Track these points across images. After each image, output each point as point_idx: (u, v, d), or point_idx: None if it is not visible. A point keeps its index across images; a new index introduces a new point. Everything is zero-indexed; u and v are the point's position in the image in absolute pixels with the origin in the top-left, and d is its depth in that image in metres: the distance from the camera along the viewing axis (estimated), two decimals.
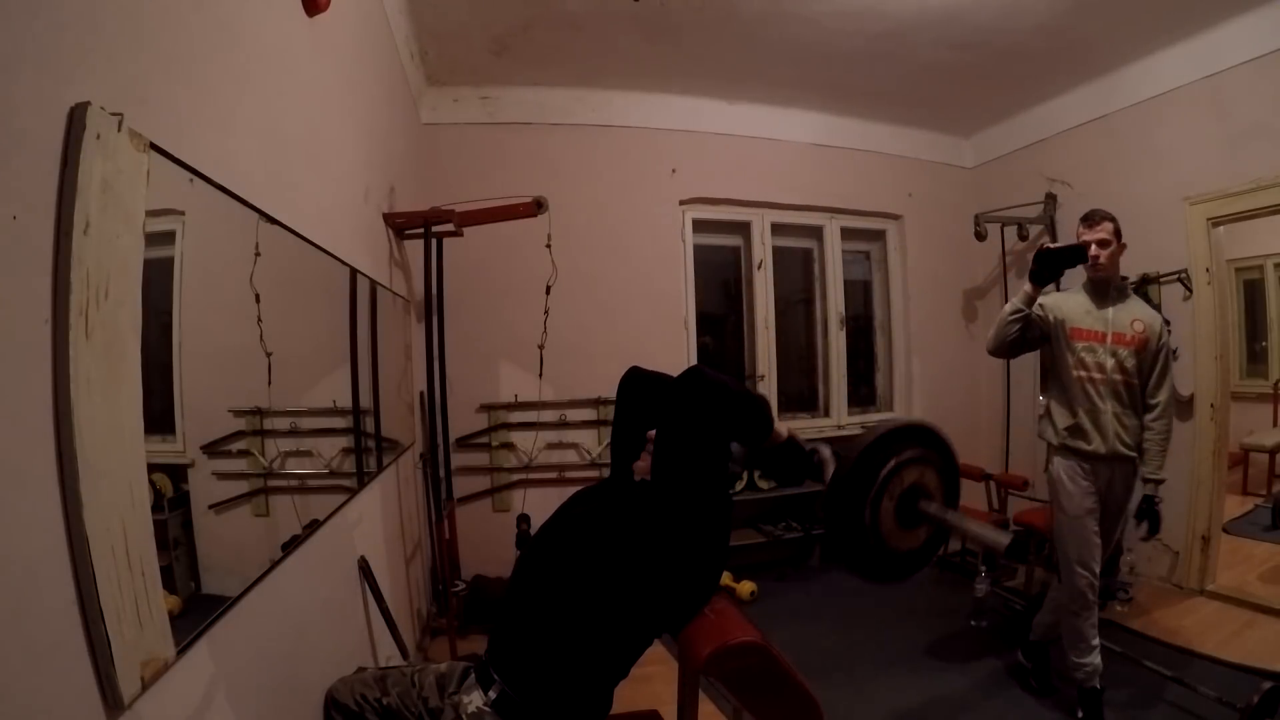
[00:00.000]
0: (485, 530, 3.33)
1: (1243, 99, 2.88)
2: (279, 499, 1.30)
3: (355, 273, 1.84)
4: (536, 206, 2.58)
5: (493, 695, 1.10)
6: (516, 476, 3.43)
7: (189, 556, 0.95)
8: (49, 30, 0.65)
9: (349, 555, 1.74)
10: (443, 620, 2.77)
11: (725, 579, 3.34)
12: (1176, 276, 3.13)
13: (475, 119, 3.43)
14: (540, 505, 3.30)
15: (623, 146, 3.63)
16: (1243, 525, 4.01)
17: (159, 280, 0.85)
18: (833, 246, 4.14)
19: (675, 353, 3.62)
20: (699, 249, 3.85)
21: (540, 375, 3.28)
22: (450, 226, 2.53)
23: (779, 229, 4.03)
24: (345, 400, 1.78)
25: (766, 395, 1.19)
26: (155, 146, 0.80)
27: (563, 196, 2.99)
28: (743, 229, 4.01)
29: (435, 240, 2.63)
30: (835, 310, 4.13)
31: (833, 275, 4.14)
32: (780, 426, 1.19)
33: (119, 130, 0.72)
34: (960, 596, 3.18)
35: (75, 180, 0.66)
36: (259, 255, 1.16)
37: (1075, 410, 2.17)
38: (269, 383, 1.24)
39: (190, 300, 0.92)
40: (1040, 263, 2.12)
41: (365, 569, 1.80)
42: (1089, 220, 2.17)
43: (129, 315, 0.75)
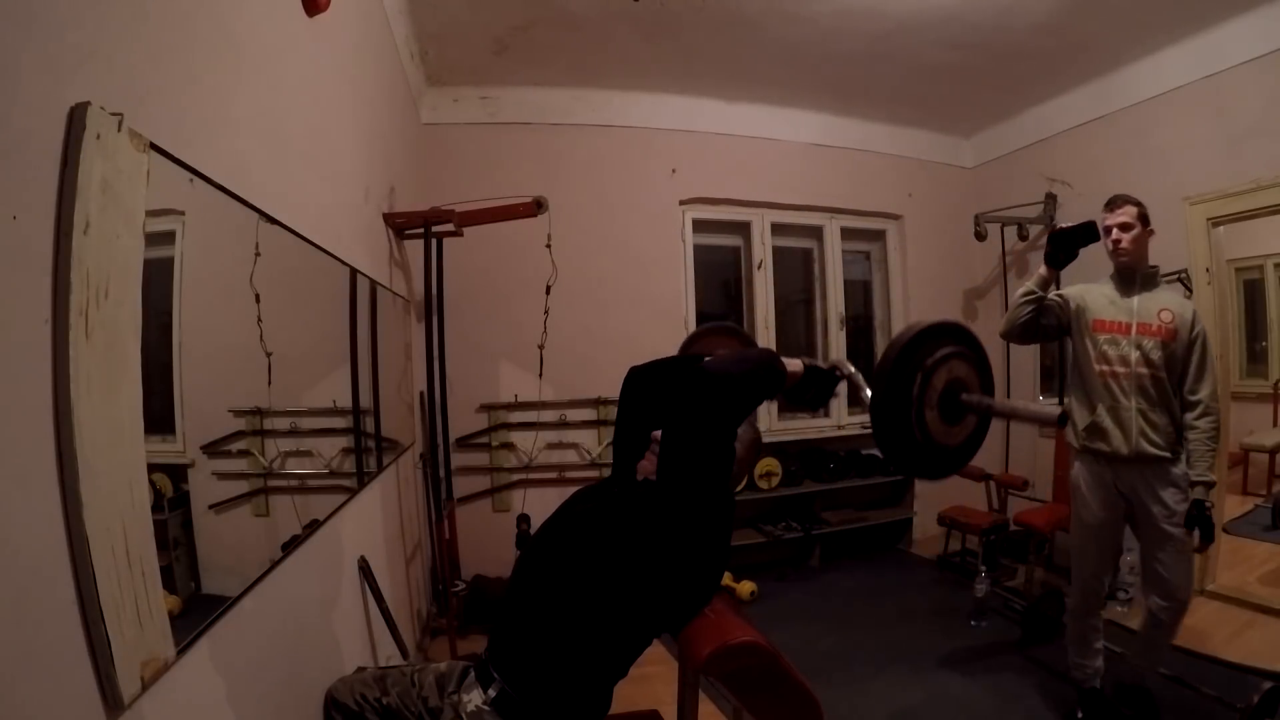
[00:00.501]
0: (485, 530, 3.33)
1: (1243, 99, 2.88)
2: (279, 499, 1.30)
3: (355, 273, 1.84)
4: (536, 206, 2.58)
5: (492, 694, 1.10)
6: (516, 476, 3.43)
7: (189, 556, 0.95)
8: (49, 30, 0.65)
9: (349, 555, 1.74)
10: (443, 620, 2.77)
11: (725, 579, 3.34)
12: (1176, 276, 3.13)
13: (475, 119, 3.43)
14: (540, 505, 3.30)
15: (623, 146, 3.63)
16: (1243, 525, 4.01)
17: (159, 280, 0.85)
18: (833, 246, 4.15)
19: (675, 353, 3.61)
20: (699, 249, 3.86)
21: (540, 375, 3.28)
22: (450, 226, 2.53)
23: (779, 229, 4.03)
24: (345, 400, 1.78)
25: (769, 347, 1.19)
26: (155, 146, 0.80)
27: (563, 196, 2.99)
28: (743, 229, 4.01)
29: (435, 240, 2.63)
30: (835, 310, 4.13)
31: (833, 275, 4.14)
32: (793, 364, 1.19)
33: (119, 130, 0.72)
34: (960, 596, 3.18)
35: (75, 180, 0.66)
36: (259, 255, 1.16)
37: (1095, 407, 2.03)
38: (269, 383, 1.24)
39: (190, 300, 0.92)
40: (1054, 243, 2.02)
41: (365, 569, 1.80)
42: (1111, 204, 2.06)
43: (129, 315, 0.75)
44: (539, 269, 2.88)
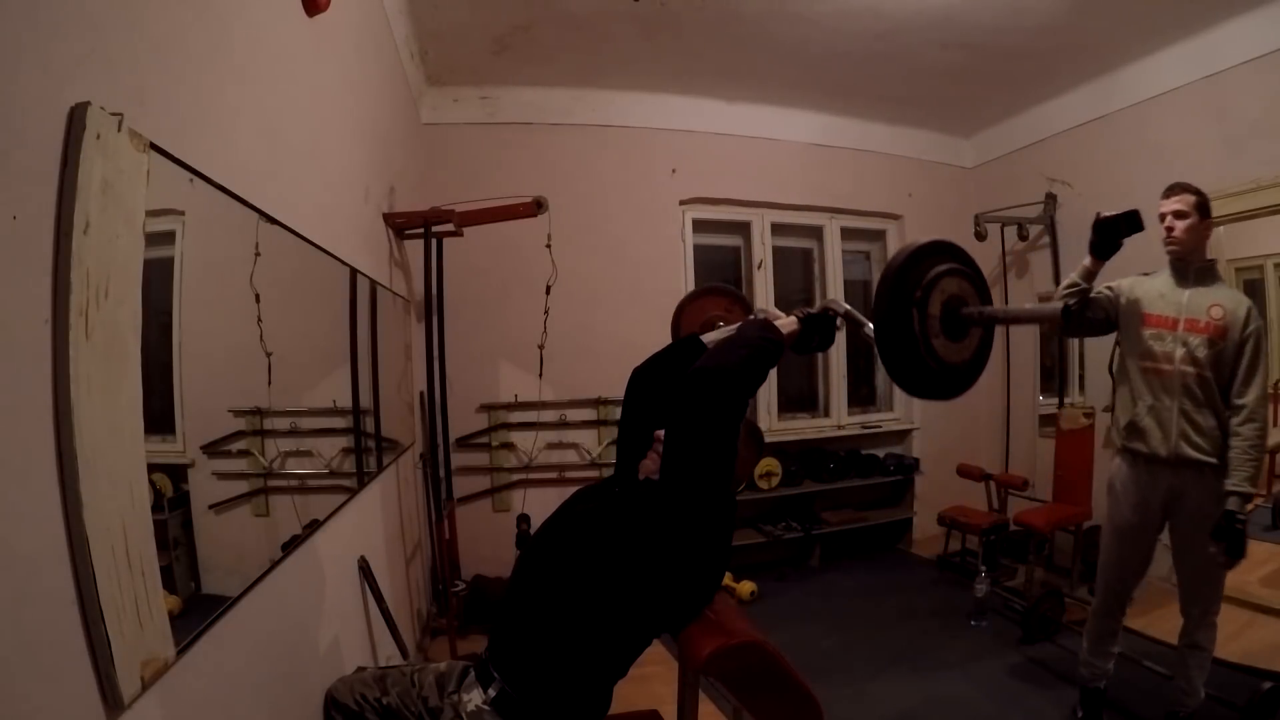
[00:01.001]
0: (485, 530, 3.34)
1: (1242, 99, 2.88)
2: (279, 499, 1.30)
3: (355, 273, 1.84)
4: (536, 206, 2.58)
5: (492, 693, 1.10)
6: (516, 476, 3.43)
7: (189, 556, 0.95)
8: (49, 30, 0.65)
9: (349, 555, 1.74)
10: (443, 620, 2.77)
11: (725, 579, 3.34)
12: None
13: (475, 119, 3.43)
14: (540, 505, 3.29)
15: (623, 146, 3.63)
16: None
17: (159, 280, 0.85)
18: (833, 246, 4.15)
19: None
20: (699, 249, 3.86)
21: (540, 375, 3.28)
22: (450, 226, 2.53)
23: (779, 229, 4.03)
24: (345, 400, 1.78)
25: (761, 315, 1.17)
26: (155, 146, 0.80)
27: (562, 196, 2.99)
28: (743, 229, 4.01)
29: (435, 240, 2.63)
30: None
31: (833, 275, 4.14)
32: (787, 323, 1.21)
33: (119, 130, 0.72)
34: (960, 596, 3.18)
35: (75, 180, 0.66)
36: (259, 255, 1.16)
37: (1136, 405, 1.94)
38: (269, 383, 1.24)
39: (190, 300, 0.92)
40: (1098, 232, 1.86)
41: (365, 569, 1.80)
42: (1168, 191, 1.93)
43: (129, 315, 0.75)
44: (539, 269, 2.88)
